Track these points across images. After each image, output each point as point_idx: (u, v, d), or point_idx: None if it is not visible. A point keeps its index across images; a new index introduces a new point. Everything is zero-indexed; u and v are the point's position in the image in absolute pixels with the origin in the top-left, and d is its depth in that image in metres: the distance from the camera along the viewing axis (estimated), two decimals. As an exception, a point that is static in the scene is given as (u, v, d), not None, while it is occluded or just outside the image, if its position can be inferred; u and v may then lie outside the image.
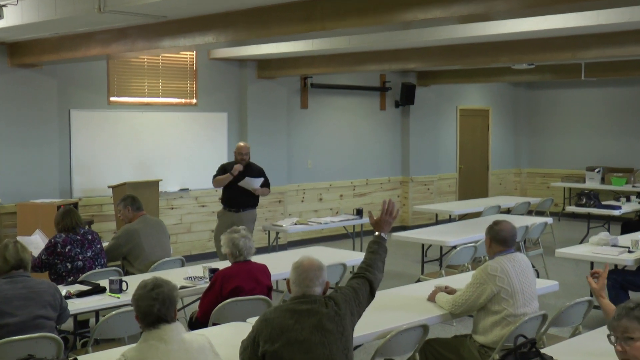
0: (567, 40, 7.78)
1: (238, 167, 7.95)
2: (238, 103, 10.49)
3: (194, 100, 10.01)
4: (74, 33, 7.13)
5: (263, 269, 5.11)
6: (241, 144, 8.20)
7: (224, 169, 8.15)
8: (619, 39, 7.49)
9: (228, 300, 4.74)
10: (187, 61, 9.91)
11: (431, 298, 4.85)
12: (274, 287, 8.09)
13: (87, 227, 6.32)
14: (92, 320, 5.47)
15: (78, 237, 5.88)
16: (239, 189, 8.02)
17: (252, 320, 4.40)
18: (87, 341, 4.62)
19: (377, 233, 3.92)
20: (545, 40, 7.94)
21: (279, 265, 6.09)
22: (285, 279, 6.94)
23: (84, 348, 4.66)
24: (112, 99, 9.19)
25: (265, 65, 10.39)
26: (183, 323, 3.99)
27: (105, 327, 4.51)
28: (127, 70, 9.34)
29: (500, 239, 4.58)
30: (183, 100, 9.93)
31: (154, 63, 9.57)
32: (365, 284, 3.71)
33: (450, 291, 4.79)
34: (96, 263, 5.93)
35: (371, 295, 3.74)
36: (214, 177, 8.16)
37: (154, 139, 9.55)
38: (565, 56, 7.97)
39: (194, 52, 9.92)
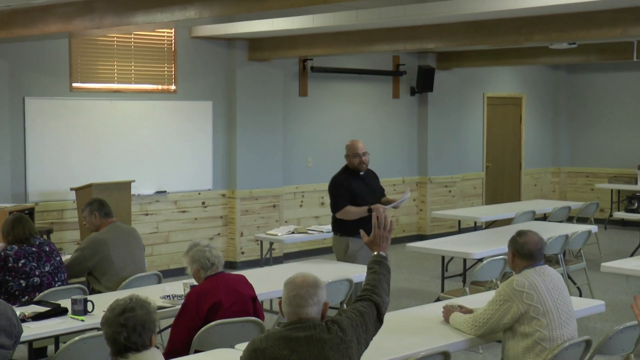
0: (616, 13, 7.76)
1: (379, 208, 6.79)
2: (225, 90, 10.49)
3: (173, 87, 10.01)
4: (29, 5, 7.12)
5: (241, 279, 5.15)
6: (358, 142, 7.25)
7: (348, 190, 7.08)
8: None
9: (212, 324, 4.74)
10: (164, 40, 9.91)
11: (446, 319, 4.84)
12: (268, 307, 8.11)
13: (43, 237, 6.31)
14: (51, 348, 5.46)
15: (34, 248, 5.87)
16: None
17: (241, 347, 4.40)
18: (45, 372, 4.61)
19: (375, 252, 3.93)
20: (590, 14, 7.92)
21: (274, 282, 6.07)
22: (279, 298, 6.94)
23: (42, 380, 4.65)
24: (74, 85, 9.19)
25: (258, 45, 10.39)
26: (162, 349, 3.99)
27: (67, 356, 4.49)
28: (93, 51, 9.33)
29: (526, 253, 4.59)
30: (160, 87, 9.93)
31: (126, 43, 9.57)
32: (371, 307, 3.68)
33: (465, 312, 4.79)
34: (55, 279, 5.92)
35: (379, 322, 3.71)
36: (337, 204, 7.05)
37: (126, 133, 9.55)
38: (614, 33, 7.95)
39: (173, 29, 9.92)
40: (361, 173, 7.17)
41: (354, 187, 7.08)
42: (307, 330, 3.38)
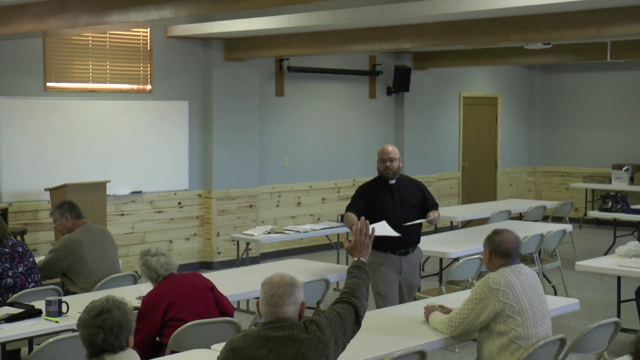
0: (590, 14, 7.81)
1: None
2: (201, 90, 10.46)
3: (149, 87, 9.97)
4: (2, 4, 7.07)
5: (193, 274, 5.24)
6: (387, 146, 6.53)
7: (365, 197, 6.37)
8: (650, 13, 7.54)
9: (189, 324, 4.74)
10: (140, 40, 9.87)
11: (427, 318, 4.87)
12: (245, 307, 8.10)
13: (16, 237, 6.26)
14: (25, 350, 5.41)
15: (6, 249, 5.83)
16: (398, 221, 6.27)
17: (217, 347, 4.39)
18: (19, 374, 4.58)
19: (355, 258, 3.96)
20: (564, 14, 7.97)
21: (250, 282, 6.08)
22: (256, 298, 6.93)
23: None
24: (49, 84, 9.13)
25: (234, 45, 10.37)
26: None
27: (41, 358, 4.45)
28: (67, 51, 9.27)
29: (503, 252, 4.61)
30: (135, 87, 9.88)
31: (101, 42, 9.51)
32: (350, 310, 3.69)
33: (446, 312, 4.81)
34: (29, 280, 5.89)
35: (357, 325, 3.73)
36: (347, 209, 6.36)
37: (101, 133, 9.49)
38: (588, 33, 8.00)
39: (149, 29, 9.88)
40: (391, 182, 6.39)
41: (375, 196, 6.31)
42: (285, 329, 3.38)
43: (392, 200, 6.34)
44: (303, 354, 3.35)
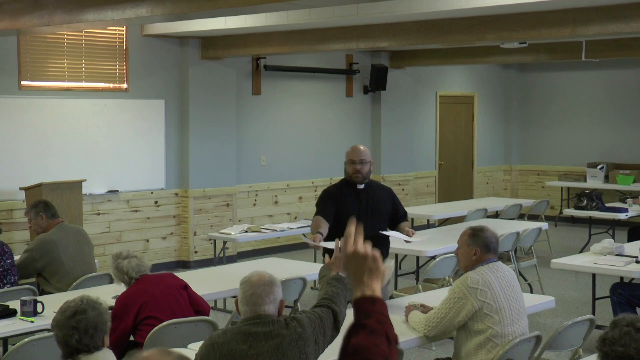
0: (565, 14, 7.87)
1: (316, 239, 5.35)
2: (178, 88, 10.43)
3: (125, 85, 9.93)
4: (-23, 3, 7.01)
5: (166, 274, 5.27)
6: (358, 147, 5.84)
7: (333, 200, 5.74)
8: (625, 12, 7.59)
9: (165, 324, 4.74)
10: (115, 38, 9.82)
11: (407, 317, 4.88)
12: (222, 306, 8.09)
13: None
14: None
15: (-17, 249, 5.79)
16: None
17: (194, 346, 4.39)
18: (-7, 375, 4.55)
19: (334, 273, 3.96)
20: (540, 14, 8.02)
21: (227, 280, 6.07)
22: (234, 297, 6.91)
23: (-10, 384, 4.58)
24: (24, 83, 9.06)
25: (211, 44, 10.35)
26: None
27: (16, 358, 4.43)
28: (42, 49, 9.21)
29: (491, 247, 4.65)
30: (111, 85, 9.84)
31: (76, 40, 9.46)
32: (329, 314, 3.70)
33: (426, 311, 4.82)
34: (5, 281, 5.85)
35: (335, 330, 3.73)
36: (316, 213, 5.71)
37: (76, 131, 9.44)
38: (564, 33, 8.06)
39: (125, 27, 9.83)
40: (359, 186, 5.75)
41: (340, 201, 5.69)
42: (265, 325, 3.41)
43: (359, 207, 5.69)
44: (283, 349, 3.38)
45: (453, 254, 7.09)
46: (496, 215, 10.91)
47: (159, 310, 4.86)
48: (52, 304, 4.85)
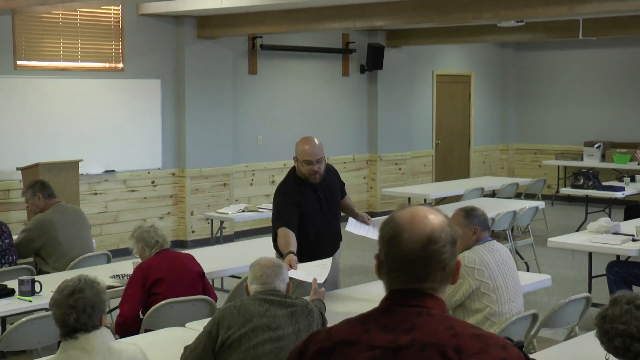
0: (562, -8, 7.84)
1: (292, 263, 4.59)
2: (174, 68, 10.40)
3: (121, 65, 9.90)
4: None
5: (187, 256, 5.26)
6: (312, 143, 5.26)
7: (295, 202, 5.13)
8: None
9: (162, 303, 4.74)
10: (111, 18, 9.78)
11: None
12: (219, 285, 8.11)
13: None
14: (-2, 329, 5.39)
15: (-17, 229, 5.81)
16: (319, 230, 5.25)
17: (192, 325, 4.41)
18: (-8, 354, 4.57)
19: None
20: (536, -8, 7.99)
21: (225, 260, 6.08)
22: (231, 276, 6.93)
23: (-12, 363, 4.60)
24: (19, 62, 9.03)
25: (206, 23, 10.31)
26: (112, 329, 3.98)
27: (14, 337, 4.45)
28: (38, 29, 9.17)
29: (487, 225, 4.68)
30: (107, 65, 9.80)
31: (71, 20, 9.42)
32: (320, 315, 3.87)
33: None
34: (3, 261, 5.85)
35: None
36: (277, 218, 5.15)
37: (73, 111, 9.42)
38: (560, 11, 8.03)
39: (120, 6, 9.79)
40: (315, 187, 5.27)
41: (303, 202, 5.15)
42: (280, 297, 3.67)
43: (320, 206, 5.23)
44: (296, 317, 3.64)
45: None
46: (493, 194, 10.93)
47: (172, 292, 4.84)
48: (50, 283, 4.86)
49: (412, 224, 1.91)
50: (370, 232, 5.37)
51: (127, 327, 4.71)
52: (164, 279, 4.88)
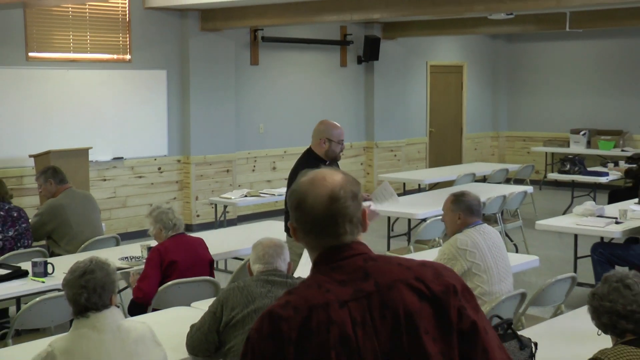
0: (550, -14, 7.84)
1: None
2: (179, 59, 10.39)
3: (128, 56, 9.89)
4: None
5: (200, 242, 5.25)
6: (338, 127, 5.59)
7: None
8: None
9: (169, 283, 4.77)
10: (118, 11, 9.76)
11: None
12: (223, 267, 8.13)
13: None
14: (13, 309, 5.42)
15: (1, 213, 5.82)
16: None
17: (197, 304, 4.43)
18: (7, 332, 4.58)
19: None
20: (526, -14, 7.98)
21: (228, 243, 6.10)
22: (235, 258, 6.94)
23: (3, 340, 4.62)
24: (31, 54, 9.02)
25: (210, 16, 10.29)
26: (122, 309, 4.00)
27: (28, 316, 4.47)
28: (48, 21, 9.16)
29: (474, 210, 4.67)
30: (115, 56, 9.79)
31: (80, 13, 9.40)
32: None
33: None
34: (18, 244, 5.88)
35: None
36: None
37: (82, 101, 9.42)
38: (549, 4, 8.03)
39: (127, 0, 9.77)
40: (327, 162, 5.42)
41: None
42: (281, 277, 3.64)
43: None
44: None
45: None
46: (484, 179, 10.95)
47: (183, 277, 4.86)
48: (62, 265, 4.89)
49: (313, 188, 1.93)
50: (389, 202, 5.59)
51: (143, 296, 4.75)
52: (178, 263, 4.90)
